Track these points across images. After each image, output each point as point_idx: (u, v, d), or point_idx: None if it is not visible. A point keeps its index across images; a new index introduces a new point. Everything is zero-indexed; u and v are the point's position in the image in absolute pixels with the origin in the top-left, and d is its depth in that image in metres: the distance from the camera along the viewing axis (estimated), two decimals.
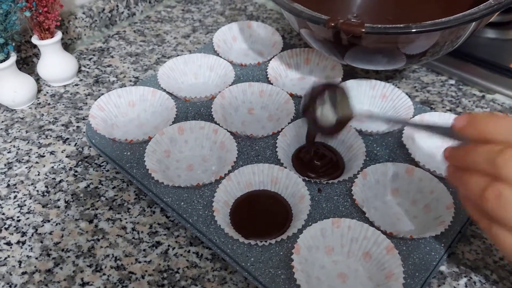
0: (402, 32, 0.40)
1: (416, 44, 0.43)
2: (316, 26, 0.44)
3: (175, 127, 0.49)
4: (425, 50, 0.44)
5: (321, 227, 0.39)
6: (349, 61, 0.49)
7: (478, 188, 0.28)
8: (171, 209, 0.43)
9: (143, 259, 0.41)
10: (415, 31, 0.39)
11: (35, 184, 0.48)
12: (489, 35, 0.66)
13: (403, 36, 0.41)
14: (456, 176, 0.31)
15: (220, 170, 0.46)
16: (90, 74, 0.63)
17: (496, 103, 0.57)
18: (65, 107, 0.58)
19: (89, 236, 0.43)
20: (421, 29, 0.39)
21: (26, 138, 0.54)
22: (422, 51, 0.45)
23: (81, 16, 0.67)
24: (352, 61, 0.49)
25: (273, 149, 0.48)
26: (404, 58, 0.46)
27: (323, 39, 0.46)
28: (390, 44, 0.44)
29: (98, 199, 0.46)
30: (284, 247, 0.39)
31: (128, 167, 0.46)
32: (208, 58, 0.58)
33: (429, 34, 0.41)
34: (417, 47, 0.44)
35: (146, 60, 0.66)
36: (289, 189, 0.44)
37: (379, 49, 0.45)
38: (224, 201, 0.43)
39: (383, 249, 0.38)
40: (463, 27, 0.42)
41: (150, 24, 0.74)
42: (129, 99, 0.53)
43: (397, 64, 0.48)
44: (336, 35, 0.43)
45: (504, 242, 0.29)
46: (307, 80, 0.59)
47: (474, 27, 0.43)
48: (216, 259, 0.41)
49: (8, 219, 0.45)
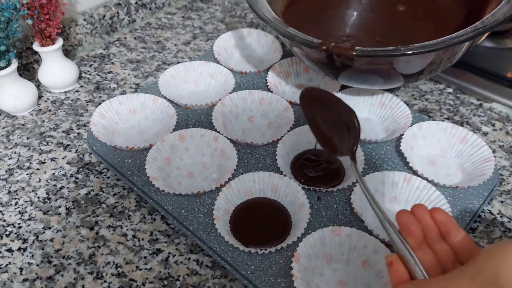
0: (392, 54, 0.41)
1: (412, 64, 0.44)
2: (309, 49, 0.45)
3: (176, 135, 0.49)
4: (422, 69, 0.45)
5: (321, 236, 0.39)
6: (343, 81, 0.50)
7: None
8: (171, 216, 0.43)
9: (144, 267, 0.41)
10: (403, 54, 0.40)
11: (36, 191, 0.48)
12: (486, 45, 0.67)
13: (395, 57, 0.42)
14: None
15: (220, 177, 0.46)
16: (91, 81, 0.64)
17: (494, 112, 0.58)
18: (66, 114, 0.58)
19: (90, 243, 0.43)
20: (410, 52, 0.39)
21: (27, 144, 0.54)
22: (419, 70, 0.45)
23: (82, 23, 0.68)
24: (346, 81, 0.50)
25: (273, 157, 0.48)
26: (401, 77, 0.46)
27: (317, 59, 0.47)
28: (383, 65, 0.44)
29: (99, 206, 0.47)
30: (284, 255, 0.39)
31: (129, 174, 0.46)
32: (208, 66, 0.59)
33: (422, 55, 0.42)
34: (413, 67, 0.45)
35: (146, 66, 0.66)
36: (289, 197, 0.44)
37: (373, 70, 0.46)
38: (225, 209, 0.43)
39: (382, 257, 0.38)
40: (452, 49, 0.42)
41: (150, 31, 0.74)
42: (130, 106, 0.54)
43: (395, 84, 0.48)
44: (329, 57, 0.44)
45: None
46: (304, 78, 0.59)
47: (468, 45, 0.44)
48: (216, 267, 0.41)
49: (9, 226, 0.45)
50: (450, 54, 0.44)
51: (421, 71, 0.45)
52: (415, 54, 0.39)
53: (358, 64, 0.44)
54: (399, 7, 0.58)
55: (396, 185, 0.45)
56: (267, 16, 0.47)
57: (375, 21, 0.59)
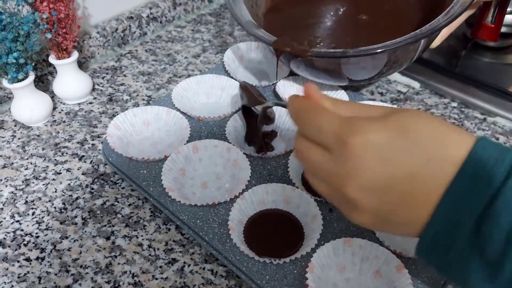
0: (340, 56, 0.47)
1: (363, 63, 0.51)
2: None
3: (190, 146, 0.50)
4: (381, 64, 0.51)
5: (334, 246, 0.40)
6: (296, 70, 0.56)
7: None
8: (187, 227, 0.44)
9: (160, 276, 0.42)
10: (351, 55, 0.46)
11: (52, 201, 0.49)
12: (489, 60, 0.68)
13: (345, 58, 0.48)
14: None
15: (234, 188, 0.47)
16: (104, 92, 0.65)
17: (497, 126, 0.59)
18: (80, 125, 0.60)
19: (107, 253, 0.44)
20: (356, 54, 0.46)
21: (42, 155, 0.55)
22: (377, 66, 0.51)
23: (95, 36, 0.69)
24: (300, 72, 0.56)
25: (285, 169, 0.50)
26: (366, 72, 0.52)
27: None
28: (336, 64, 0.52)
29: (114, 216, 0.48)
30: (298, 266, 0.40)
31: (145, 185, 0.48)
32: (219, 79, 0.60)
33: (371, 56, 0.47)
34: (368, 65, 0.52)
35: (158, 79, 0.68)
36: (301, 209, 0.45)
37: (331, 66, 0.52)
38: (239, 220, 0.44)
39: (393, 267, 0.39)
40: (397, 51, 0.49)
41: (161, 43, 0.76)
42: (144, 118, 0.55)
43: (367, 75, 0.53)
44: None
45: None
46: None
47: (414, 48, 0.50)
48: (231, 277, 0.42)
49: (27, 235, 0.46)
50: (400, 55, 0.50)
51: (382, 66, 0.51)
52: (358, 56, 0.46)
53: (318, 63, 0.51)
54: (362, 16, 0.63)
55: None
56: (242, 18, 0.54)
57: (347, 27, 0.63)
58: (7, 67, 0.53)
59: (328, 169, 0.28)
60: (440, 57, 0.70)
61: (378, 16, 0.61)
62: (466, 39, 0.71)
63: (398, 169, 0.26)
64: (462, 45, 0.70)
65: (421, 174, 0.26)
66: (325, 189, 0.30)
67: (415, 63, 0.67)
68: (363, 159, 0.26)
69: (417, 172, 0.26)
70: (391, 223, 0.28)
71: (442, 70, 0.66)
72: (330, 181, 0.29)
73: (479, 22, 0.60)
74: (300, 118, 0.30)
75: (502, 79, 0.65)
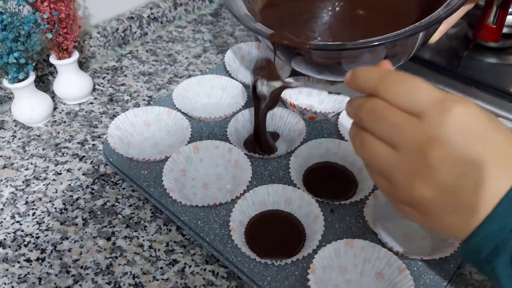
0: (338, 48, 0.46)
1: (364, 56, 0.50)
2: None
3: (191, 147, 0.50)
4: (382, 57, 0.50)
5: (335, 248, 0.40)
6: (296, 67, 0.55)
7: (351, 137, 0.32)
8: (188, 227, 0.44)
9: (161, 277, 0.42)
10: (350, 48, 0.45)
11: (53, 202, 0.49)
12: (491, 60, 0.68)
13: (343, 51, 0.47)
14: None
15: (235, 189, 0.47)
16: (104, 93, 0.65)
17: None
18: (80, 125, 0.59)
19: (107, 254, 0.44)
20: (354, 47, 0.45)
21: (43, 155, 0.55)
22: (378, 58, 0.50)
23: (96, 36, 0.69)
24: (300, 68, 0.55)
25: (286, 170, 0.49)
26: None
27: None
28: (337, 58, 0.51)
29: (115, 217, 0.48)
30: (299, 267, 0.40)
31: (146, 186, 0.47)
32: (220, 79, 0.60)
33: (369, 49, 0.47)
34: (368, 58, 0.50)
35: (159, 79, 0.68)
36: (302, 210, 0.45)
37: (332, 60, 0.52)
38: (240, 220, 0.44)
39: (395, 269, 0.39)
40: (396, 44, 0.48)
41: (162, 43, 0.76)
42: (145, 119, 0.55)
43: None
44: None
45: (377, 183, 0.32)
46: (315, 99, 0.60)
47: (414, 41, 0.49)
48: (232, 278, 0.42)
49: (27, 236, 0.46)
50: (399, 49, 0.49)
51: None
52: (358, 48, 0.45)
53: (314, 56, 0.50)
54: (359, 11, 0.62)
55: None
56: (239, 12, 0.53)
57: (344, 23, 0.63)
58: (8, 67, 0.53)
59: (405, 139, 0.28)
60: (441, 58, 0.69)
61: (376, 11, 0.61)
62: (468, 40, 0.71)
63: (483, 152, 0.27)
64: (464, 46, 0.70)
65: (492, 167, 0.27)
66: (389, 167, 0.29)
67: (416, 63, 0.67)
68: (462, 128, 0.26)
69: (492, 164, 0.27)
70: (448, 206, 0.28)
71: (444, 71, 0.66)
72: (405, 151, 0.28)
73: (480, 23, 0.60)
74: (388, 81, 0.29)
75: (504, 80, 0.65)
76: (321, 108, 0.58)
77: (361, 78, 0.30)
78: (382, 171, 0.30)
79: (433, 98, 0.27)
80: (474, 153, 0.27)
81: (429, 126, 0.27)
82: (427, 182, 0.28)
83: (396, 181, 0.29)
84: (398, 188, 0.29)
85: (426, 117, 0.27)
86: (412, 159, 0.28)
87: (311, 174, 0.50)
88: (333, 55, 0.50)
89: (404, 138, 0.28)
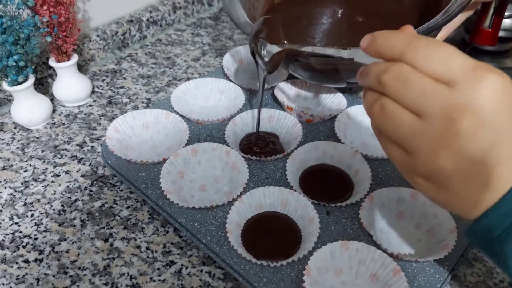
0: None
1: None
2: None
3: (189, 149, 0.50)
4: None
5: (330, 250, 0.41)
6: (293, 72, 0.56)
7: (368, 104, 0.31)
8: (185, 229, 0.44)
9: (158, 278, 0.43)
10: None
11: (51, 203, 0.50)
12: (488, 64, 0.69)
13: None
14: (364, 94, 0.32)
15: (232, 191, 0.48)
16: (103, 95, 0.65)
17: None
18: (79, 127, 0.60)
19: (105, 255, 0.44)
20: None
21: (42, 157, 0.55)
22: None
23: (95, 39, 0.70)
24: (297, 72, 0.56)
25: (282, 172, 0.50)
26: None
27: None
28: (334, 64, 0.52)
29: (113, 218, 0.48)
30: (295, 268, 0.41)
31: (144, 187, 0.48)
32: (218, 82, 0.61)
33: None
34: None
35: (157, 82, 0.68)
36: (298, 212, 0.45)
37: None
38: (236, 222, 0.44)
39: (390, 271, 0.39)
40: None
41: (161, 47, 0.76)
42: (143, 121, 0.55)
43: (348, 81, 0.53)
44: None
45: (391, 154, 0.31)
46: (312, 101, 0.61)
47: None
48: (228, 279, 0.43)
49: (25, 237, 0.46)
50: None
51: None
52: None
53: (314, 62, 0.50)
54: (358, 18, 0.63)
55: (402, 201, 0.46)
56: (240, 20, 0.53)
57: (343, 29, 0.63)
58: (7, 70, 0.53)
59: (434, 106, 0.27)
60: None
61: (375, 18, 0.62)
62: (465, 44, 0.72)
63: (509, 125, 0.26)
64: (461, 50, 0.70)
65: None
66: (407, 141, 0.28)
67: None
68: (495, 97, 0.25)
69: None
70: (469, 179, 0.27)
71: None
72: (432, 119, 0.27)
73: (476, 27, 0.60)
74: (416, 45, 0.27)
75: None
76: (318, 111, 0.59)
77: (384, 42, 0.29)
78: (403, 140, 0.29)
79: (465, 65, 0.26)
80: (503, 125, 0.26)
81: (461, 94, 0.26)
82: (452, 151, 0.27)
83: (417, 150, 0.28)
84: (419, 159, 0.28)
85: (458, 85, 0.26)
86: (440, 126, 0.27)
87: (307, 176, 0.50)
88: (331, 61, 0.50)
89: (433, 105, 0.27)
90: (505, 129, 0.26)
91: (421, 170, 0.29)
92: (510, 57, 0.71)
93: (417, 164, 0.29)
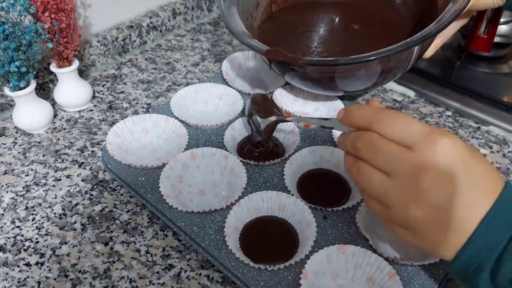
0: (331, 64, 0.47)
1: (356, 72, 0.51)
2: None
3: (188, 154, 0.51)
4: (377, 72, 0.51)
5: (327, 253, 0.41)
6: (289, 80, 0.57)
7: (347, 166, 0.36)
8: (184, 233, 0.45)
9: (157, 281, 0.43)
10: (342, 63, 0.46)
11: (52, 207, 0.50)
12: (484, 69, 0.70)
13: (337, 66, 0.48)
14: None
15: (230, 195, 0.48)
16: (104, 100, 0.66)
17: (491, 135, 0.60)
18: (80, 132, 0.61)
19: (105, 258, 0.45)
20: (347, 62, 0.46)
21: (43, 161, 0.56)
22: (373, 75, 0.52)
23: (96, 44, 0.71)
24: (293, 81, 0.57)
25: (280, 176, 0.51)
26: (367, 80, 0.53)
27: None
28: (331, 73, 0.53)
29: (113, 222, 0.49)
30: (292, 272, 0.41)
31: (143, 192, 0.48)
32: (217, 87, 0.61)
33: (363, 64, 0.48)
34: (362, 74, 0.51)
35: (157, 87, 0.69)
36: (296, 216, 0.46)
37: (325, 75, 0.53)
38: (235, 226, 0.45)
39: (386, 274, 0.40)
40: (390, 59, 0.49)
41: (161, 52, 0.77)
42: (143, 126, 0.56)
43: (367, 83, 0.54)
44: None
45: (372, 207, 0.35)
46: (310, 107, 0.62)
47: (408, 56, 0.50)
48: (227, 282, 0.43)
49: (27, 241, 0.47)
50: (393, 64, 0.51)
51: (375, 76, 0.52)
52: (351, 63, 0.46)
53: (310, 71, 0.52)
54: (354, 26, 0.64)
55: None
56: (237, 29, 0.54)
57: (339, 37, 0.64)
58: (9, 76, 0.54)
59: (399, 167, 0.31)
60: (435, 67, 0.71)
61: (371, 26, 0.62)
62: (461, 50, 0.73)
63: (467, 176, 0.30)
64: (457, 56, 0.71)
65: (474, 190, 0.31)
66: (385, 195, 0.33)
67: (410, 73, 0.68)
68: (448, 155, 0.30)
69: (474, 188, 0.31)
70: (438, 225, 0.31)
71: (437, 80, 0.67)
72: (399, 178, 0.31)
73: (472, 34, 0.61)
74: (381, 117, 0.33)
75: (496, 89, 0.66)
76: (316, 116, 0.59)
77: (355, 115, 0.35)
78: (378, 196, 0.33)
79: (422, 130, 0.31)
80: (459, 178, 0.30)
81: (420, 155, 0.31)
82: (419, 203, 0.31)
83: (391, 204, 0.33)
84: (393, 211, 0.33)
85: (417, 147, 0.31)
86: (406, 183, 0.31)
87: (305, 181, 0.51)
88: (327, 70, 0.51)
89: (399, 166, 0.31)
90: (461, 181, 0.30)
91: (396, 220, 0.33)
92: (506, 63, 0.72)
93: (392, 215, 0.33)
